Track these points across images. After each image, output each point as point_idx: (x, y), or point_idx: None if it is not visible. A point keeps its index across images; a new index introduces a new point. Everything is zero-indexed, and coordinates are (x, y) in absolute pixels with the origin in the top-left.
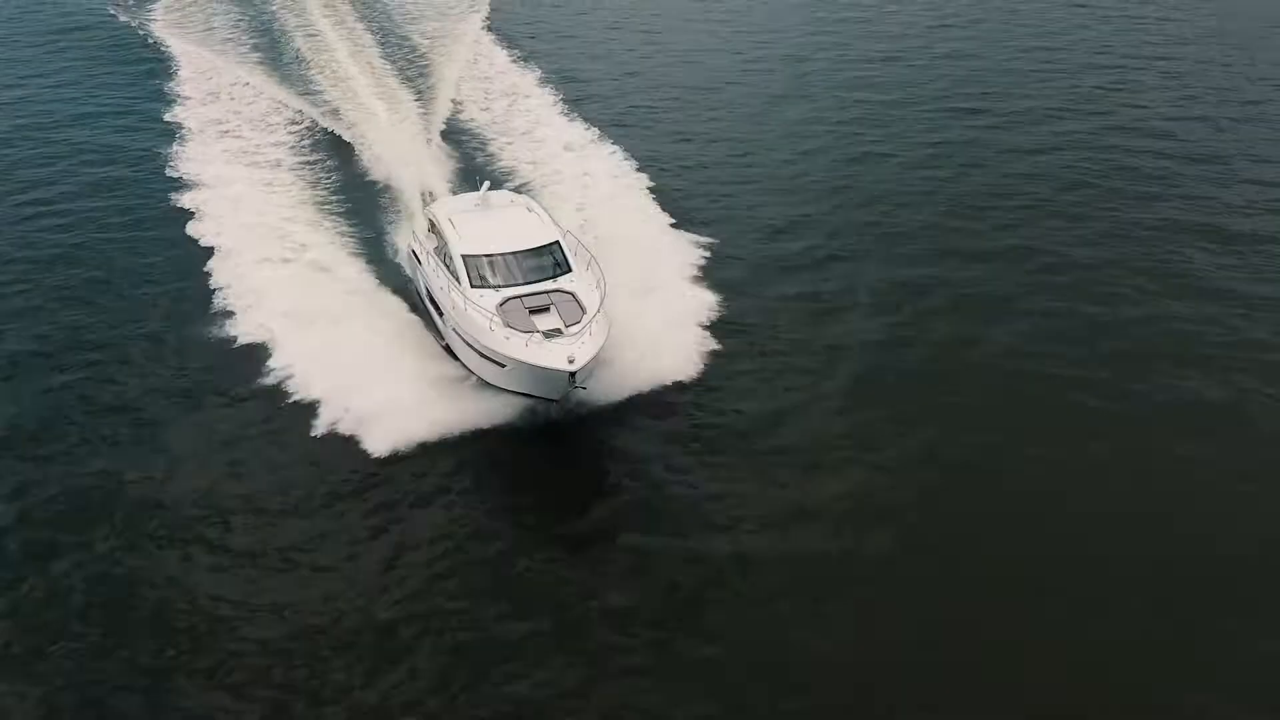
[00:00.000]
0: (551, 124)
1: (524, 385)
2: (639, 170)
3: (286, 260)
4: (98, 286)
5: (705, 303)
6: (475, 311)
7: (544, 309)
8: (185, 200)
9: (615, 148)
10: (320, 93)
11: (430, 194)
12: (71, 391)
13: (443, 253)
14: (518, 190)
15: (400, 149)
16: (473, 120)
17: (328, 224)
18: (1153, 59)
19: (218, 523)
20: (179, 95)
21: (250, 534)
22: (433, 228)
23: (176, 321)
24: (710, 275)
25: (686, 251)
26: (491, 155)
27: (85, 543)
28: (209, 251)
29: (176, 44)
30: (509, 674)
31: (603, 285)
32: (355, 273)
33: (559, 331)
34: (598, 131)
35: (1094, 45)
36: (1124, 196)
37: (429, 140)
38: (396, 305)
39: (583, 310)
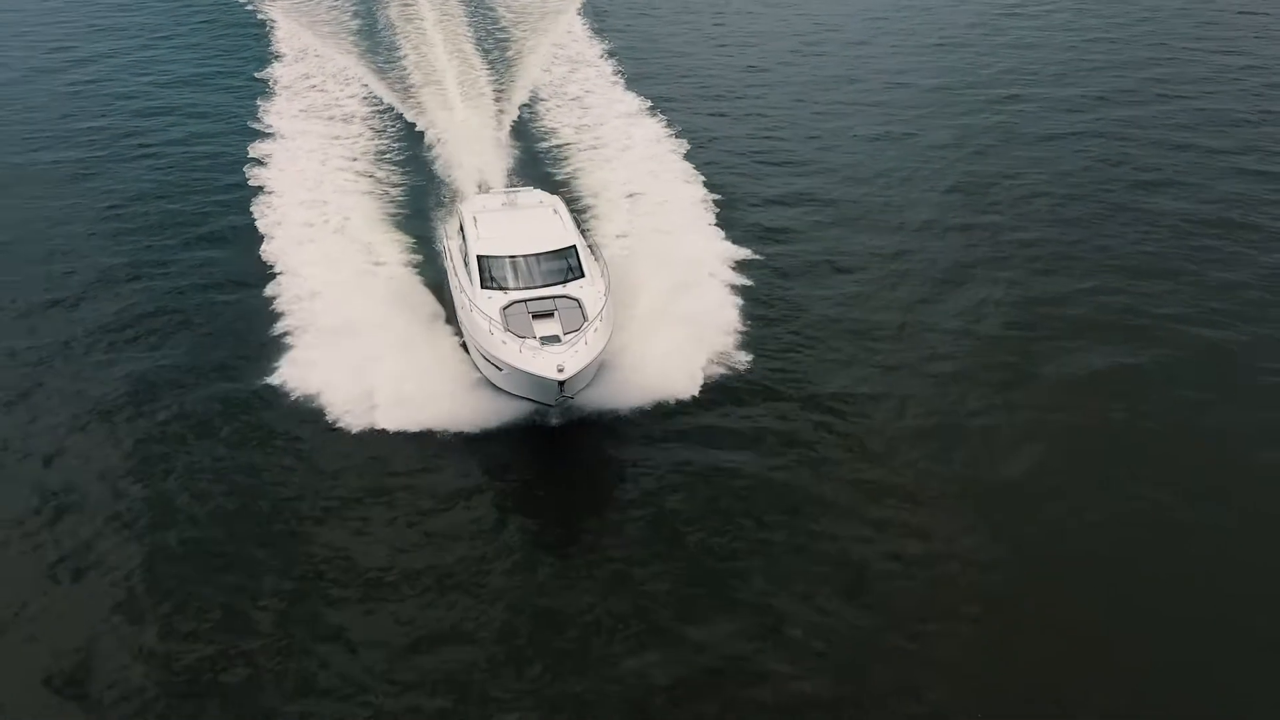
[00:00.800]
0: (642, 125)
1: (520, 389)
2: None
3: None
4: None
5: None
6: (478, 313)
7: (548, 314)
8: (259, 155)
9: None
10: (404, 76)
11: (484, 184)
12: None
13: (462, 251)
14: (562, 186)
15: (469, 135)
16: (545, 100)
17: (380, 208)
18: None
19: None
20: (273, 63)
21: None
22: (460, 226)
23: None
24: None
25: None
26: (557, 137)
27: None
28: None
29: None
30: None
31: (609, 292)
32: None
33: (557, 338)
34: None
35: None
36: None
37: (500, 124)
38: (428, 299)
39: (584, 318)
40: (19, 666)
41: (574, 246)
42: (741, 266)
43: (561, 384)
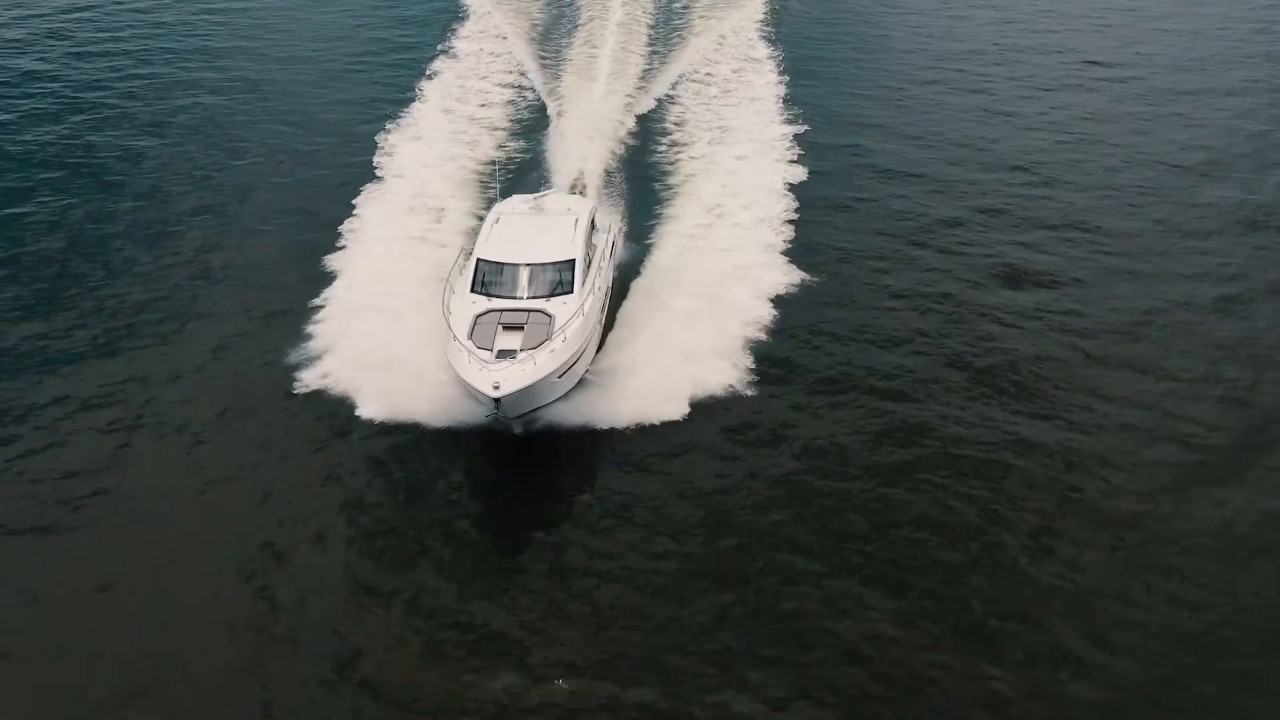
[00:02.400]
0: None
1: (471, 397)
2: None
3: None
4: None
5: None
6: (453, 317)
7: (518, 327)
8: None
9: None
10: (562, 53)
11: (582, 182)
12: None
13: (468, 251)
14: (656, 183)
15: (591, 124)
16: (685, 93)
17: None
18: None
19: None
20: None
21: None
22: (481, 226)
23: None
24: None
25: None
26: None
27: None
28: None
29: None
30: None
31: (591, 313)
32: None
33: (513, 354)
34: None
35: None
36: None
37: (625, 116)
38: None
39: (548, 336)
40: None
41: (572, 261)
42: (781, 301)
43: (497, 401)
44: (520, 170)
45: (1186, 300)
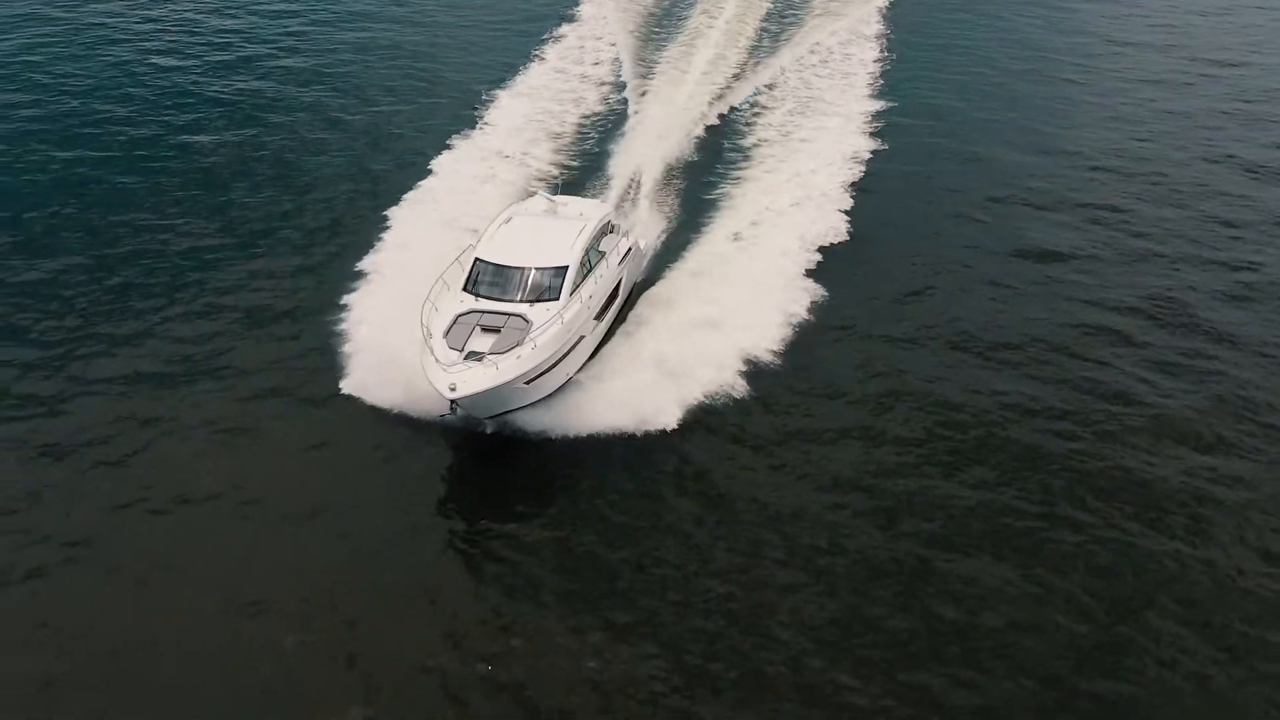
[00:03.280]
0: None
1: None
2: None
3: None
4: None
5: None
6: (436, 314)
7: (494, 330)
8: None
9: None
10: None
11: (637, 182)
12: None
13: (472, 246)
14: (714, 189)
15: (667, 122)
16: (774, 96)
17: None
18: None
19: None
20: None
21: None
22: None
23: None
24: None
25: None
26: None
27: None
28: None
29: None
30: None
31: (572, 322)
32: None
33: (481, 356)
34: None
35: None
36: None
37: (703, 117)
38: None
39: (519, 343)
40: None
41: (564, 268)
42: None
43: (453, 402)
44: (582, 166)
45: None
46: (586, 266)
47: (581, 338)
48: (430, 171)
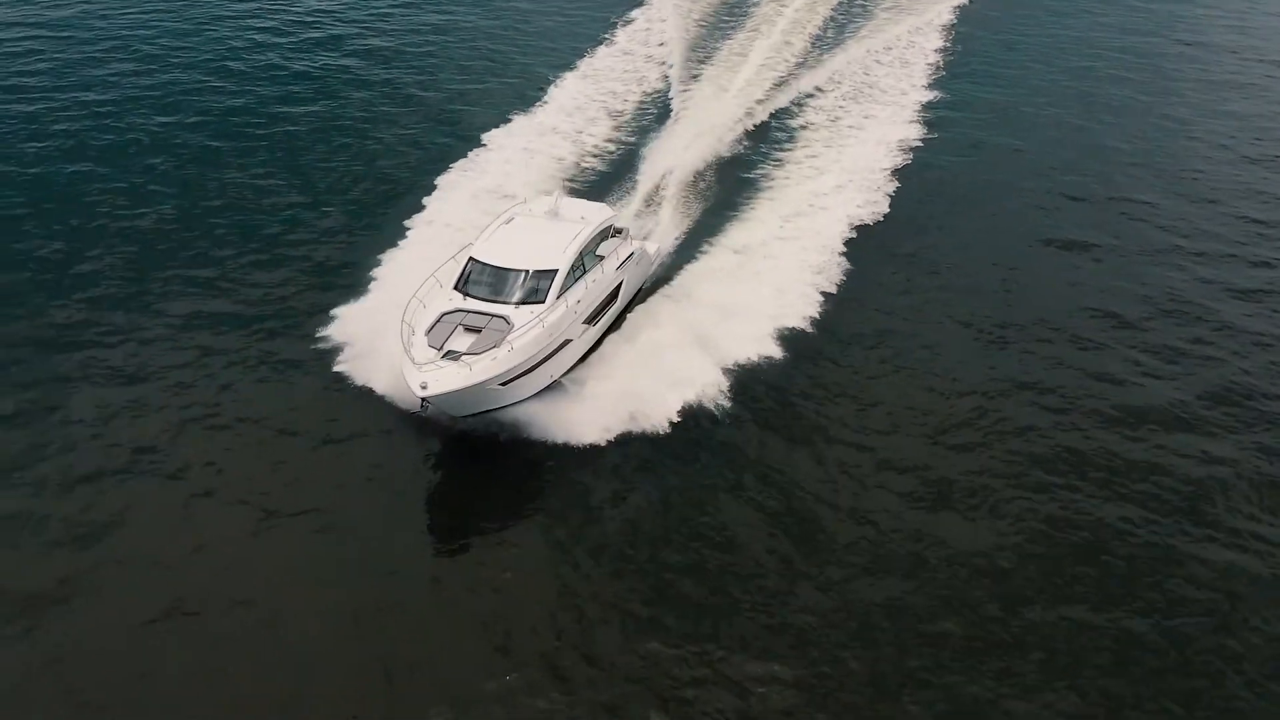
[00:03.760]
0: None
1: None
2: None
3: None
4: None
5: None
6: (422, 310)
7: (476, 330)
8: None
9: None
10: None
11: (666, 183)
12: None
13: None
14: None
15: (704, 125)
16: (820, 99)
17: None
18: None
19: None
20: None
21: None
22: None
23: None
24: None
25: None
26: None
27: None
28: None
29: None
30: None
31: (554, 326)
32: None
33: (458, 356)
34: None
35: None
36: None
37: (743, 119)
38: None
39: (495, 344)
40: None
41: (553, 271)
42: (788, 338)
43: (424, 400)
44: (614, 164)
45: None
46: (579, 270)
47: (568, 341)
48: (483, 144)
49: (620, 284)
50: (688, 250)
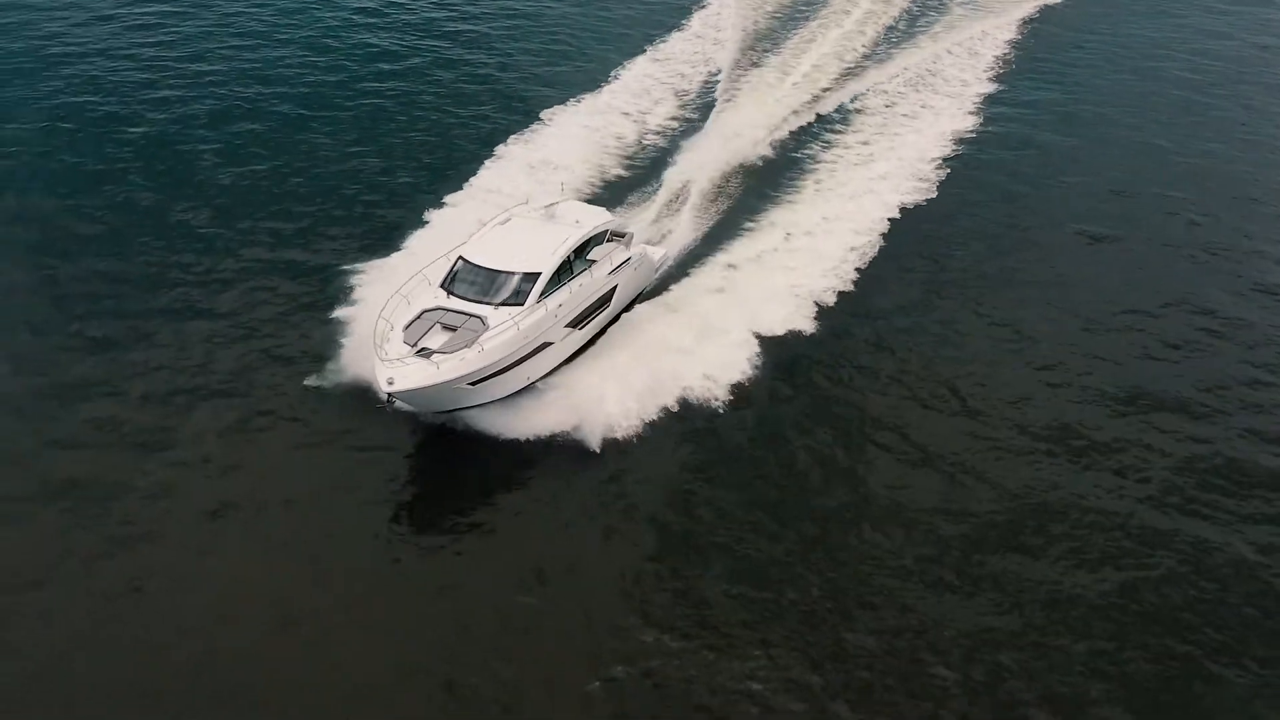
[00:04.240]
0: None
1: None
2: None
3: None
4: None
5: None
6: (407, 307)
7: (453, 329)
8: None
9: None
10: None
11: (688, 190)
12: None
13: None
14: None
15: (740, 130)
16: (862, 105)
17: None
18: None
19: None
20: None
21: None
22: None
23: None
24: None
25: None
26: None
27: None
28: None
29: None
30: None
31: (530, 330)
32: None
33: (430, 353)
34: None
35: None
36: None
37: (778, 126)
38: None
39: (467, 344)
40: None
41: (536, 275)
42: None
43: (390, 396)
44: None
45: None
46: (566, 274)
47: (548, 344)
48: (543, 120)
49: (614, 289)
50: (729, 229)
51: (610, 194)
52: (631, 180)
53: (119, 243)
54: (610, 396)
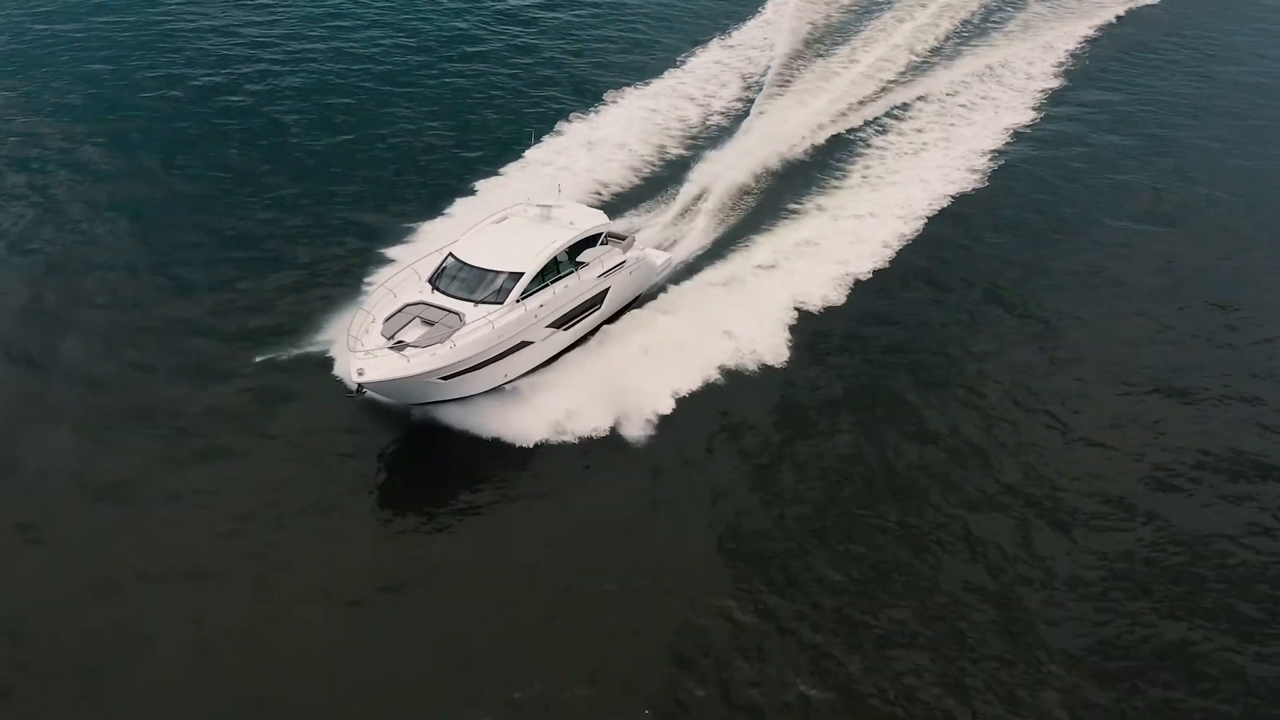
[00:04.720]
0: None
1: None
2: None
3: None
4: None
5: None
6: (391, 299)
7: (430, 323)
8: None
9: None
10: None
11: (708, 193)
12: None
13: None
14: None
15: (772, 137)
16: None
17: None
18: None
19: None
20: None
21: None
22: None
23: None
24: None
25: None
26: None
27: None
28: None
29: None
30: None
31: (505, 329)
32: None
33: (404, 346)
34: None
35: None
36: None
37: (815, 131)
38: None
39: (440, 340)
40: None
41: (519, 275)
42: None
43: (359, 386)
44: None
45: None
46: (552, 275)
47: (526, 344)
48: (605, 102)
49: (605, 291)
50: (773, 214)
51: (670, 173)
52: (680, 165)
53: (212, 199)
54: (652, 389)
